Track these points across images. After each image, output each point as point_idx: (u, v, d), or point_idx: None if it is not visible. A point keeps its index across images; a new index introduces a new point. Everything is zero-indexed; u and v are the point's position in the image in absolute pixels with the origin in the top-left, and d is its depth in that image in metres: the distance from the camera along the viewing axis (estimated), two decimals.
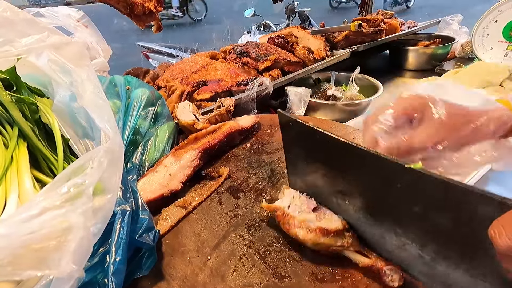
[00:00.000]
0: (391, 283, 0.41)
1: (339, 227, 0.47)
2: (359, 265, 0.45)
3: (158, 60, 4.04)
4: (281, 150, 0.77)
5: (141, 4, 1.03)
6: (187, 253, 0.52)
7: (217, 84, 1.08)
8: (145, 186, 0.61)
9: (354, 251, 0.47)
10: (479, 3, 3.45)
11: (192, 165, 0.68)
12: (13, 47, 0.52)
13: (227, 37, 4.29)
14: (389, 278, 0.42)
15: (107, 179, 0.41)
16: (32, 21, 0.55)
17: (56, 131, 0.52)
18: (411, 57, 1.56)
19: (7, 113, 0.51)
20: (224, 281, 0.47)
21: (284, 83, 1.12)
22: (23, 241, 0.30)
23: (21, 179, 0.45)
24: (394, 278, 0.41)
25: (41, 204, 0.33)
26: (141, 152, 0.69)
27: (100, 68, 1.06)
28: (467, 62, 1.52)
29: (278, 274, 0.48)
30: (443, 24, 1.77)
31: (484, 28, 1.33)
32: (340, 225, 0.47)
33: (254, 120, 0.85)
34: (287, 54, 1.26)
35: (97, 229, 0.38)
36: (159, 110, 0.79)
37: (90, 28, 1.07)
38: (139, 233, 0.47)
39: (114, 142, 0.45)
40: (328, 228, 0.46)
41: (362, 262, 0.45)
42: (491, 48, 1.34)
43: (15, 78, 0.54)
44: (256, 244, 0.53)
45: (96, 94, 0.51)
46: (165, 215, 0.59)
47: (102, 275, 0.42)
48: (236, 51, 1.28)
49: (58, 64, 0.53)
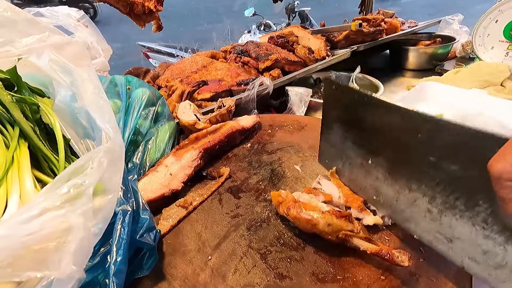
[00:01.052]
0: (402, 263, 0.44)
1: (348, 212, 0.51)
2: (367, 252, 0.46)
3: (159, 60, 4.05)
4: (281, 150, 0.77)
5: (140, 3, 1.03)
6: (188, 253, 0.52)
7: (218, 84, 1.08)
8: (146, 186, 0.61)
9: (362, 239, 0.48)
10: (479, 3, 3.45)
11: (193, 165, 0.68)
12: (14, 47, 0.52)
13: (227, 37, 4.29)
14: (399, 259, 0.44)
15: (107, 179, 0.41)
16: (32, 21, 0.55)
17: (57, 131, 0.52)
18: (411, 57, 1.56)
19: (8, 113, 0.51)
20: (225, 281, 0.47)
21: (284, 83, 1.12)
22: (23, 242, 0.30)
23: (22, 179, 0.45)
24: (404, 259, 0.44)
25: (40, 205, 0.33)
26: (142, 152, 0.69)
27: (100, 68, 1.06)
28: (468, 61, 1.52)
29: (279, 274, 0.47)
30: (444, 24, 1.77)
31: (484, 28, 1.32)
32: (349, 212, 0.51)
33: (255, 120, 0.85)
34: (288, 53, 1.26)
35: (98, 229, 0.38)
36: (159, 110, 0.79)
37: (90, 27, 1.07)
38: (140, 233, 0.47)
39: (115, 142, 0.45)
40: (341, 211, 0.50)
41: (370, 248, 0.46)
42: (492, 48, 1.34)
43: (16, 78, 0.54)
44: (257, 244, 0.53)
45: (97, 94, 0.51)
46: (166, 215, 0.59)
47: (103, 275, 0.42)
48: (236, 51, 1.28)
49: (59, 64, 0.53)
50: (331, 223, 0.47)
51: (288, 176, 0.68)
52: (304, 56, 1.24)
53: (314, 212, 0.49)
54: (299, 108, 1.04)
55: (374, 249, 0.46)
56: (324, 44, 1.31)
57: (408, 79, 1.51)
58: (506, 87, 1.18)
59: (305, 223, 0.49)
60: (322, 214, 0.48)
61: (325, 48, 1.29)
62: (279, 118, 0.91)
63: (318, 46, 1.30)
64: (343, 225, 0.48)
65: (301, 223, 0.50)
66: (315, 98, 1.11)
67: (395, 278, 0.45)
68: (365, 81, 1.20)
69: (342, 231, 0.48)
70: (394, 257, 0.44)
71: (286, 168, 0.70)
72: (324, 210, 0.50)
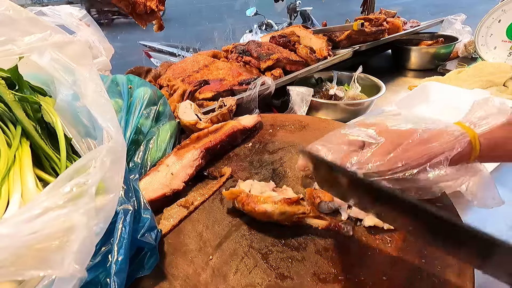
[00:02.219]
0: (347, 233, 0.51)
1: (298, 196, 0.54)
2: (319, 227, 0.52)
3: (160, 59, 4.05)
4: (282, 149, 0.77)
5: (142, 3, 1.03)
6: (189, 253, 0.52)
7: (219, 83, 1.07)
8: (147, 186, 0.61)
9: (313, 217, 0.53)
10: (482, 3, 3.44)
11: (194, 164, 0.68)
12: (15, 45, 0.52)
13: (229, 36, 4.29)
14: (345, 230, 0.51)
15: (109, 179, 0.41)
16: (34, 20, 0.55)
17: (59, 130, 0.52)
18: (413, 57, 1.55)
19: (10, 112, 0.51)
20: (226, 281, 0.47)
21: (286, 82, 1.12)
22: (26, 241, 0.30)
23: (24, 178, 0.45)
24: (349, 229, 0.51)
25: (43, 204, 0.33)
26: (143, 151, 0.69)
27: (102, 67, 1.06)
28: (470, 61, 1.51)
29: (280, 274, 0.47)
30: (446, 24, 1.77)
31: (487, 28, 1.32)
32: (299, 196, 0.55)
33: (256, 119, 0.85)
34: (289, 53, 1.25)
35: (99, 228, 0.38)
36: (161, 109, 0.79)
37: (92, 27, 1.07)
38: (141, 232, 0.47)
39: (117, 141, 0.45)
40: (291, 198, 0.53)
41: (321, 224, 0.52)
42: (495, 48, 1.33)
43: (18, 77, 0.54)
44: (258, 244, 0.53)
45: (99, 93, 0.51)
46: (167, 214, 0.59)
47: (104, 274, 0.42)
48: (238, 50, 1.28)
49: (60, 63, 0.53)
50: (284, 211, 0.52)
51: (289, 176, 0.68)
52: (306, 56, 1.24)
53: (267, 204, 0.53)
54: (300, 108, 1.04)
55: (324, 224, 0.51)
56: (325, 43, 1.30)
57: (410, 79, 1.51)
58: (508, 87, 1.17)
59: (261, 215, 0.53)
60: (275, 204, 0.52)
61: (327, 47, 1.29)
62: (281, 118, 0.91)
63: (320, 46, 1.30)
64: (295, 210, 0.52)
65: (257, 215, 0.54)
66: (317, 98, 1.11)
67: (397, 278, 0.45)
68: (367, 81, 1.20)
69: (295, 216, 0.52)
70: (341, 228, 0.51)
71: (288, 167, 0.70)
72: (276, 200, 0.53)
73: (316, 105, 1.07)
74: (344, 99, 1.13)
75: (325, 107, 1.08)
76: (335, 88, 1.19)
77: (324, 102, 1.08)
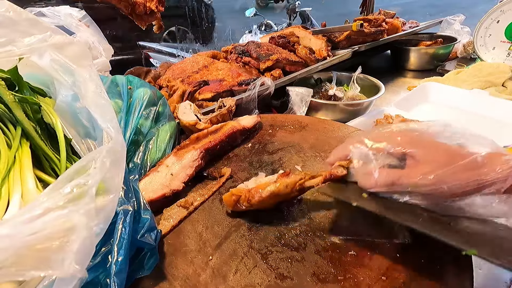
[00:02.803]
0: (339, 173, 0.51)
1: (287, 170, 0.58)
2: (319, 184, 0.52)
3: (160, 60, 4.04)
4: (282, 150, 0.77)
5: (142, 4, 1.03)
6: (188, 253, 0.52)
7: (219, 84, 1.08)
8: (146, 186, 0.61)
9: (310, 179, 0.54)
10: (481, 3, 3.44)
11: (194, 165, 0.68)
12: (15, 46, 0.52)
13: (229, 37, 4.29)
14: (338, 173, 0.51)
15: (109, 179, 0.41)
16: (34, 21, 0.55)
17: (58, 131, 0.52)
18: (412, 57, 1.56)
19: (10, 113, 0.51)
20: (226, 281, 0.47)
21: (285, 83, 1.12)
22: (26, 241, 0.30)
23: (24, 179, 0.45)
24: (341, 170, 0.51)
25: (44, 205, 0.33)
26: (143, 152, 0.69)
27: (101, 68, 1.06)
28: (469, 62, 1.52)
29: (280, 274, 0.48)
30: (445, 24, 1.77)
31: (486, 28, 1.33)
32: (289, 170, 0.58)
33: (256, 120, 0.85)
34: (289, 54, 1.26)
35: (99, 229, 0.38)
36: (160, 110, 0.79)
37: (92, 27, 1.07)
38: (141, 233, 0.47)
39: (116, 142, 0.45)
40: (285, 171, 0.57)
41: (318, 181, 0.53)
42: (493, 48, 1.34)
43: (17, 78, 0.54)
44: (257, 244, 0.53)
45: (98, 94, 0.51)
46: (167, 215, 0.59)
47: (104, 275, 0.42)
48: (237, 51, 1.28)
49: (60, 64, 0.53)
50: (286, 184, 0.53)
51: None
52: (305, 57, 1.24)
53: (270, 186, 0.54)
54: (300, 108, 1.04)
55: (321, 180, 0.52)
56: (325, 44, 1.31)
57: (410, 79, 1.52)
58: (507, 88, 1.18)
59: (270, 199, 0.54)
60: (276, 183, 0.54)
61: (326, 48, 1.29)
62: (280, 118, 0.91)
63: (319, 47, 1.30)
64: (295, 179, 0.54)
65: (267, 201, 0.54)
66: (316, 98, 1.11)
67: (396, 278, 0.46)
68: (366, 82, 1.20)
69: (297, 184, 0.53)
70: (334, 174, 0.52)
71: (287, 168, 0.70)
72: (275, 179, 0.56)
73: (315, 105, 1.08)
74: (344, 100, 1.13)
75: (325, 108, 1.09)
76: (335, 88, 1.19)
77: (324, 103, 1.08)
